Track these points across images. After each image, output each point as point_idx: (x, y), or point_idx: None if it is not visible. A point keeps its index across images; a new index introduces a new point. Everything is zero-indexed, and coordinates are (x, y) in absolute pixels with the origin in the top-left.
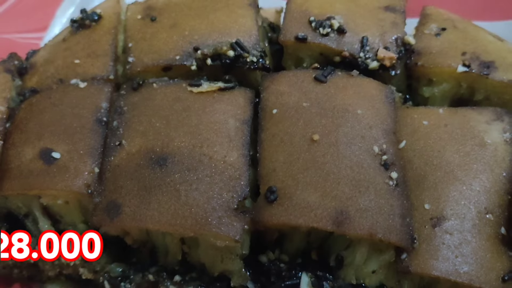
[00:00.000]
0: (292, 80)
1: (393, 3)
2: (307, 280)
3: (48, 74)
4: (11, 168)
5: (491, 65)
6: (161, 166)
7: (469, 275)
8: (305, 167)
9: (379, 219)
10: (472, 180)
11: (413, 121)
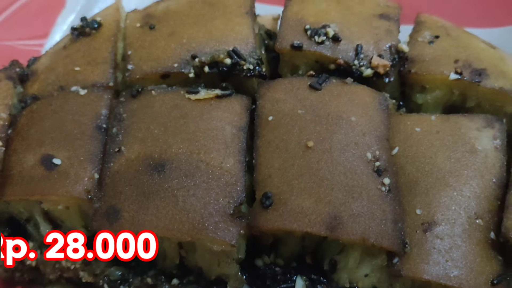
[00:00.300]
0: (288, 88)
1: (387, 11)
2: (301, 283)
3: (49, 81)
4: (13, 174)
5: (482, 73)
6: (159, 172)
7: (459, 279)
8: (299, 173)
9: (371, 224)
10: (463, 186)
11: (405, 127)
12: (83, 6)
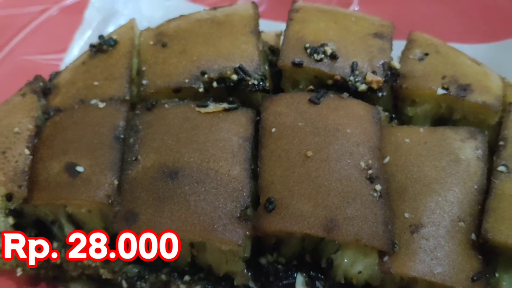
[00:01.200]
0: (289, 102)
1: (381, 30)
2: (301, 279)
3: (70, 95)
4: (39, 180)
5: (467, 88)
6: (173, 179)
7: (442, 275)
8: (299, 180)
9: (364, 227)
10: (447, 192)
11: (396, 139)
12: (99, 23)
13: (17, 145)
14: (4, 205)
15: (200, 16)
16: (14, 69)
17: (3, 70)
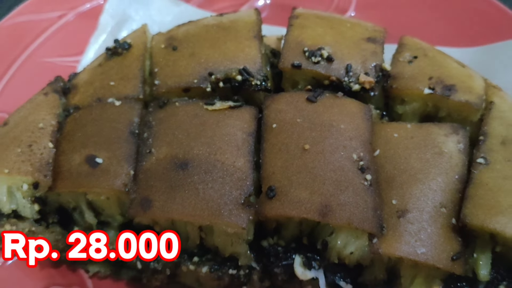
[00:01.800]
0: (289, 100)
1: (374, 35)
2: (299, 260)
3: (88, 94)
4: (62, 171)
5: (452, 88)
6: (183, 169)
7: (425, 255)
8: (298, 170)
9: (355, 212)
10: (431, 181)
11: (386, 133)
12: (113, 28)
13: (42, 139)
14: (30, 193)
15: (207, 22)
16: (34, 70)
17: (24, 71)
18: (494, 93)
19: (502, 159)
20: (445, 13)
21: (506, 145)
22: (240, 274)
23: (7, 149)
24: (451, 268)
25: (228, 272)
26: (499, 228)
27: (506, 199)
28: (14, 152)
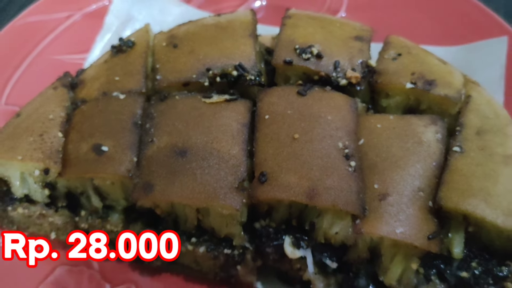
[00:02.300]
0: (281, 94)
1: (361, 34)
2: (289, 240)
3: (95, 88)
4: (71, 158)
5: (432, 83)
6: (183, 157)
7: (403, 234)
8: (287, 157)
9: (340, 195)
10: (410, 167)
11: (370, 124)
12: (117, 27)
13: (52, 129)
14: (41, 178)
15: (206, 22)
16: (44, 67)
17: (35, 68)
18: (472, 88)
19: (476, 148)
20: (430, 14)
21: (480, 135)
22: (234, 254)
23: (20, 138)
24: (428, 247)
25: (224, 252)
26: (470, 209)
27: (478, 184)
28: (27, 140)
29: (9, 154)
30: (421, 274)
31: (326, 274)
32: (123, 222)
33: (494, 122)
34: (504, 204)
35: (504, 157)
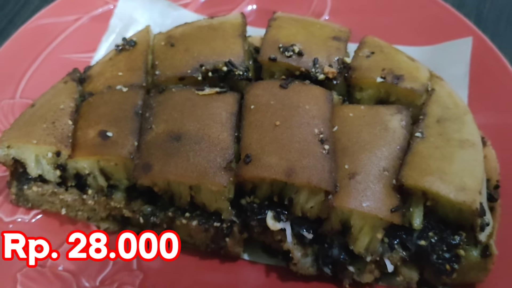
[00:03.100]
0: (265, 87)
1: (339, 35)
2: (270, 214)
3: (100, 82)
4: (79, 142)
5: (400, 78)
6: (178, 141)
7: (369, 207)
8: (269, 142)
9: (314, 173)
10: (377, 150)
11: (343, 113)
12: (121, 28)
13: (63, 117)
14: (53, 160)
15: (200, 23)
16: (55, 64)
17: (46, 65)
18: (436, 82)
19: (436, 134)
20: (405, 17)
21: (440, 122)
22: (223, 227)
23: (35, 125)
24: (391, 218)
25: (214, 225)
26: (428, 186)
27: (435, 164)
28: (41, 127)
29: (25, 138)
30: (386, 243)
31: (303, 245)
32: (125, 199)
33: (453, 111)
34: (456, 181)
35: (459, 141)
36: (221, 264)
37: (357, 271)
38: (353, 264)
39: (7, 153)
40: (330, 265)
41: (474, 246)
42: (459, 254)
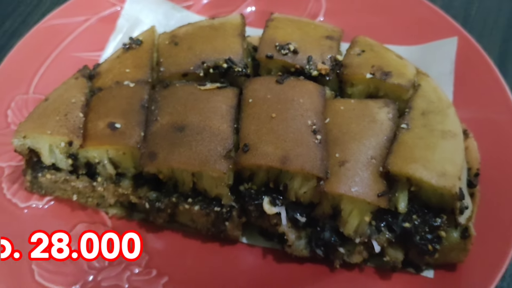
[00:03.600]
0: (262, 82)
1: (332, 34)
2: (267, 200)
3: (109, 78)
4: (90, 133)
5: (388, 74)
6: (181, 132)
7: (357, 192)
8: (266, 132)
9: (307, 161)
10: (365, 140)
11: (335, 107)
12: (127, 29)
13: (74, 110)
14: (66, 149)
15: (202, 24)
16: (65, 62)
17: (58, 63)
18: (422, 78)
19: (420, 125)
20: (395, 18)
21: (424, 115)
22: (223, 211)
23: (49, 117)
24: (378, 202)
25: (214, 210)
26: (411, 172)
27: (419, 153)
28: (54, 119)
29: (40, 129)
30: (373, 226)
31: (297, 228)
32: (133, 186)
33: (437, 105)
34: (438, 168)
35: (442, 132)
36: (221, 247)
37: (347, 252)
38: (343, 246)
39: (23, 143)
40: (322, 247)
41: (454, 228)
42: (441, 235)
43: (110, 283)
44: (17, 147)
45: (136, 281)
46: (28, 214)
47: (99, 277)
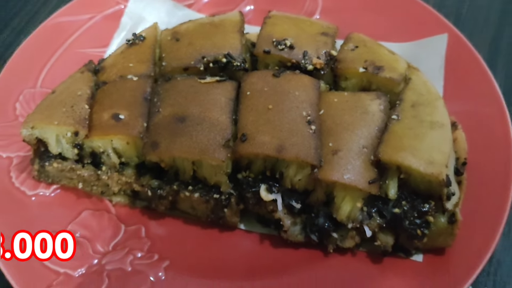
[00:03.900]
0: (260, 76)
1: (327, 31)
2: (264, 187)
3: (113, 73)
4: (95, 124)
5: (380, 68)
6: (182, 122)
7: (349, 179)
8: (263, 123)
9: (302, 149)
10: (357, 130)
11: (329, 99)
12: (131, 26)
13: (80, 102)
14: (72, 139)
15: (203, 21)
16: (71, 58)
17: (64, 59)
18: (412, 72)
19: (410, 116)
20: (388, 16)
21: (414, 107)
22: (222, 198)
23: (56, 109)
24: (369, 189)
25: (213, 197)
26: (401, 160)
27: (408, 142)
28: (61, 110)
29: (47, 120)
30: (365, 211)
31: (292, 214)
32: (135, 175)
33: (426, 97)
34: (426, 156)
35: (430, 123)
36: (220, 233)
37: (340, 237)
38: (337, 231)
39: (31, 133)
40: (316, 232)
41: (442, 214)
42: (429, 220)
43: (114, 266)
44: (25, 137)
45: (138, 264)
46: (36, 202)
47: (103, 260)
